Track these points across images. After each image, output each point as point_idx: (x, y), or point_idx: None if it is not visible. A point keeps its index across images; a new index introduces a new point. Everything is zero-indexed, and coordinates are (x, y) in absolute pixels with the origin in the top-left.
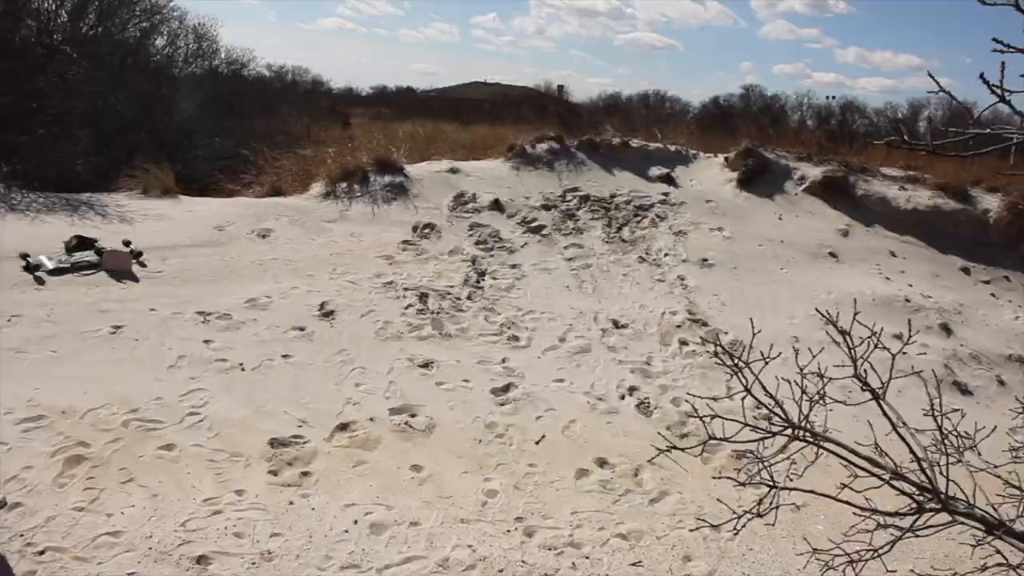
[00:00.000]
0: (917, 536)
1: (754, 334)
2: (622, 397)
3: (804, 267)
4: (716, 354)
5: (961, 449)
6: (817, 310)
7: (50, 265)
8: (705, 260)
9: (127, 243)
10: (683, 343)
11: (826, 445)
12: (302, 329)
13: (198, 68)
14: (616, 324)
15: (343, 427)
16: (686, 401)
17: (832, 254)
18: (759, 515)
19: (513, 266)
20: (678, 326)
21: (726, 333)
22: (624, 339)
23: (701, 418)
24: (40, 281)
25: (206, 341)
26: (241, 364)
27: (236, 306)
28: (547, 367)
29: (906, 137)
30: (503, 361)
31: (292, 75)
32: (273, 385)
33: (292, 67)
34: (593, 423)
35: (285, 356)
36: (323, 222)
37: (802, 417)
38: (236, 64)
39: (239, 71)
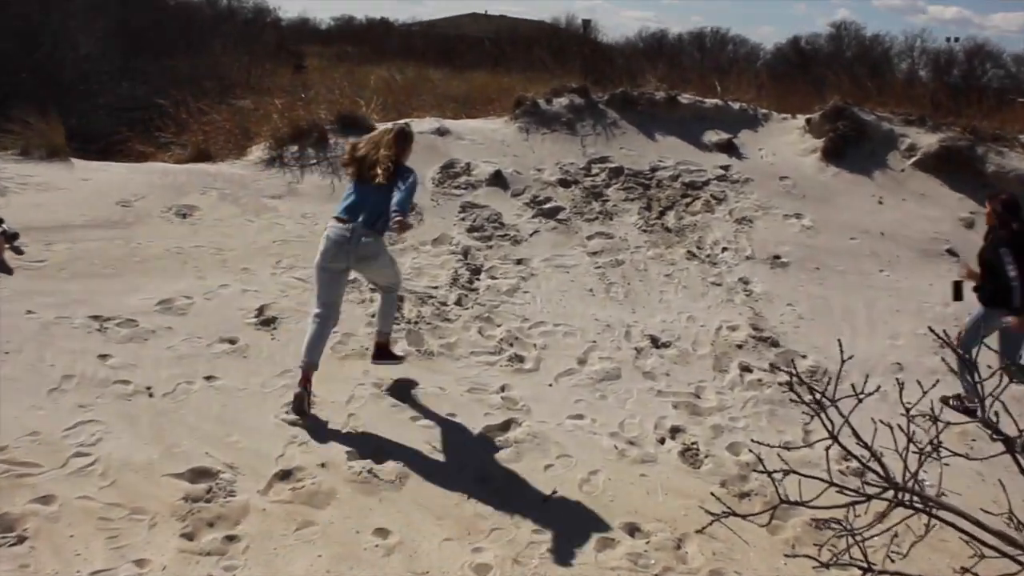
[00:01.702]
0: None
1: (843, 359)
2: (661, 441)
3: (913, 269)
4: (791, 386)
5: None
6: (930, 328)
7: None
8: (777, 257)
9: None
10: (745, 369)
11: (941, 514)
12: (233, 342)
13: None
14: (655, 342)
15: (284, 475)
16: (749, 450)
17: (951, 252)
18: None
19: (518, 261)
20: (739, 346)
21: (804, 357)
22: (665, 362)
23: (769, 473)
24: None
25: (102, 356)
26: (149, 388)
27: (144, 309)
28: (561, 398)
29: None
30: (502, 389)
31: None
32: (191, 417)
33: None
34: (622, 475)
35: (209, 378)
36: (265, 198)
37: (908, 475)
38: None
39: None
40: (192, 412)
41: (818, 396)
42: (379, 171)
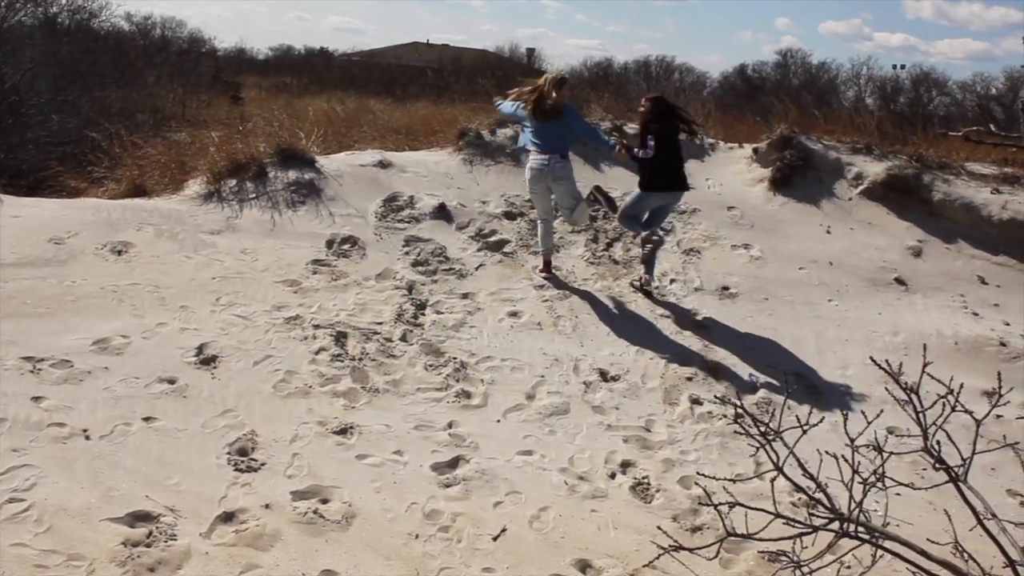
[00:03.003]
0: None
1: (787, 392)
2: (612, 476)
3: (861, 298)
4: (736, 418)
5: None
6: (872, 359)
7: None
8: (726, 288)
9: None
10: (695, 402)
11: (887, 544)
12: (172, 382)
13: (28, 16)
14: (604, 376)
15: (227, 517)
16: (696, 484)
17: (899, 280)
18: None
19: (464, 296)
20: (689, 378)
21: (755, 389)
22: (615, 396)
23: (716, 507)
24: None
25: (36, 399)
26: (85, 431)
27: (79, 349)
28: (510, 434)
29: (994, 128)
30: (450, 426)
31: (161, 29)
32: (130, 460)
33: (161, 18)
34: (572, 511)
35: (148, 419)
36: (203, 234)
37: (854, 505)
38: (83, 12)
39: (87, 22)
40: (131, 454)
41: (764, 428)
42: (550, 106)
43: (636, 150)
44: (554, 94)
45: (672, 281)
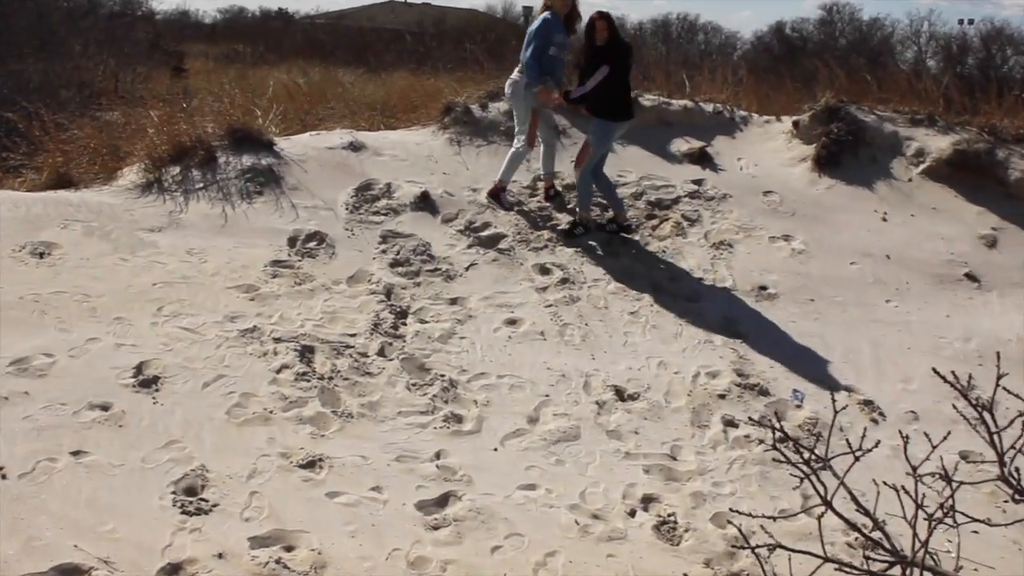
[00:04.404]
0: None
1: (836, 411)
2: (631, 514)
3: (925, 298)
4: (776, 443)
5: None
6: (935, 371)
7: None
8: (763, 288)
9: None
10: (729, 423)
11: None
12: (106, 408)
13: None
14: (620, 394)
15: (172, 570)
16: (732, 522)
17: (971, 276)
18: None
19: (453, 301)
20: (721, 396)
21: (799, 406)
22: (634, 418)
23: (755, 550)
24: None
25: None
26: (1, 469)
27: None
28: (509, 465)
29: None
30: (438, 456)
31: None
32: (55, 503)
33: None
34: (585, 556)
35: (76, 453)
36: (141, 231)
37: (919, 546)
38: None
39: None
40: (56, 496)
41: (809, 456)
42: None
43: (586, 84)
44: None
45: (699, 280)
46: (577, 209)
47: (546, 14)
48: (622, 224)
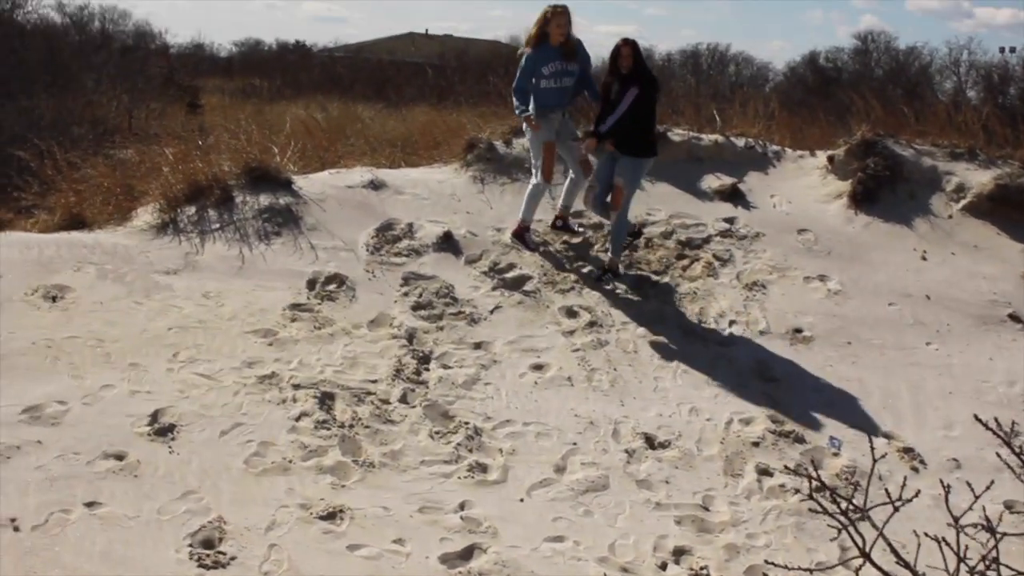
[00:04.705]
0: None
1: (875, 459)
2: (663, 567)
3: (968, 340)
4: (811, 494)
5: None
6: (976, 417)
7: None
8: (798, 331)
9: None
10: (764, 472)
11: None
12: (120, 458)
13: None
14: (651, 442)
15: None
16: (764, 574)
17: (1015, 317)
18: None
19: (477, 345)
20: (755, 443)
21: (836, 454)
22: (664, 467)
23: None
24: None
25: None
26: (13, 520)
27: (6, 419)
28: (536, 516)
29: None
30: (462, 507)
31: (101, 22)
32: (69, 555)
33: (100, 8)
34: None
35: (91, 505)
36: (156, 274)
37: None
38: (4, 2)
39: (9, 14)
40: (70, 549)
41: (847, 506)
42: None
43: (617, 111)
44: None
45: (732, 323)
46: (610, 254)
47: (527, 51)
48: (615, 271)
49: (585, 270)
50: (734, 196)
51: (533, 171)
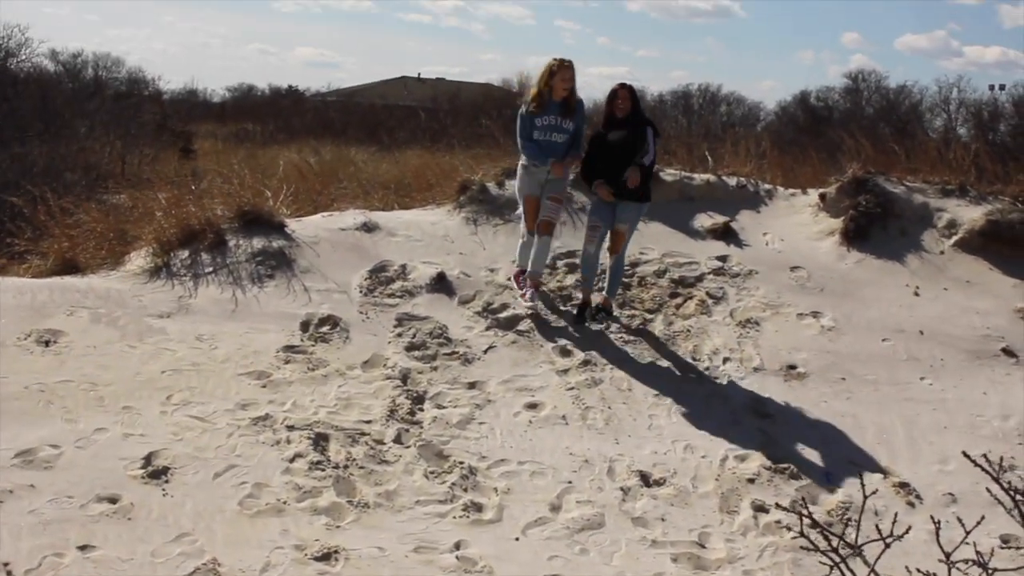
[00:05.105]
0: None
1: (865, 497)
2: None
3: (961, 375)
4: (802, 531)
5: None
6: (964, 454)
7: None
8: (792, 367)
9: None
10: (759, 509)
11: None
12: (114, 501)
13: None
14: (646, 479)
15: None
16: None
17: (1008, 351)
18: None
19: (471, 385)
20: (750, 480)
21: (832, 491)
22: (660, 504)
23: None
24: None
25: None
26: (6, 565)
27: None
28: (531, 555)
29: None
30: (457, 547)
31: (94, 69)
32: None
33: (94, 56)
34: None
35: (84, 548)
36: (150, 317)
37: None
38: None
39: (3, 63)
40: None
41: (837, 544)
42: None
43: (648, 150)
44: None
45: (726, 360)
46: (605, 292)
47: (520, 109)
48: (609, 310)
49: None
50: (726, 234)
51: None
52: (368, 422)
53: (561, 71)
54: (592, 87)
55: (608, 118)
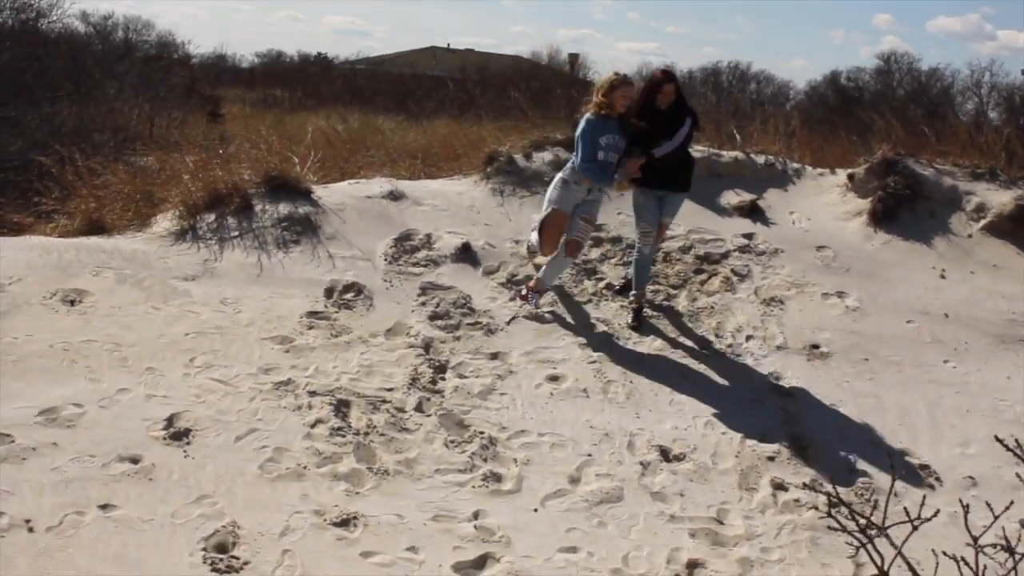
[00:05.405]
0: None
1: (893, 477)
2: None
3: (986, 358)
4: (830, 509)
5: None
6: (996, 438)
7: None
8: (815, 347)
9: None
10: (779, 487)
11: None
12: (135, 461)
13: None
14: (666, 454)
15: None
16: None
17: None
18: None
19: (493, 355)
20: (770, 458)
21: (853, 471)
22: (679, 480)
23: None
24: None
25: None
26: (28, 522)
27: (22, 421)
28: (549, 526)
29: None
30: (476, 516)
31: (125, 32)
32: (83, 557)
33: (124, 18)
34: None
35: (105, 507)
36: (175, 279)
37: None
38: (29, 11)
39: (33, 23)
40: (84, 551)
41: (864, 523)
42: None
43: (675, 137)
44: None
45: (748, 338)
46: (637, 290)
47: (588, 115)
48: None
49: (603, 283)
50: (753, 212)
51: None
52: (390, 390)
53: (623, 87)
54: (621, 61)
55: (645, 106)
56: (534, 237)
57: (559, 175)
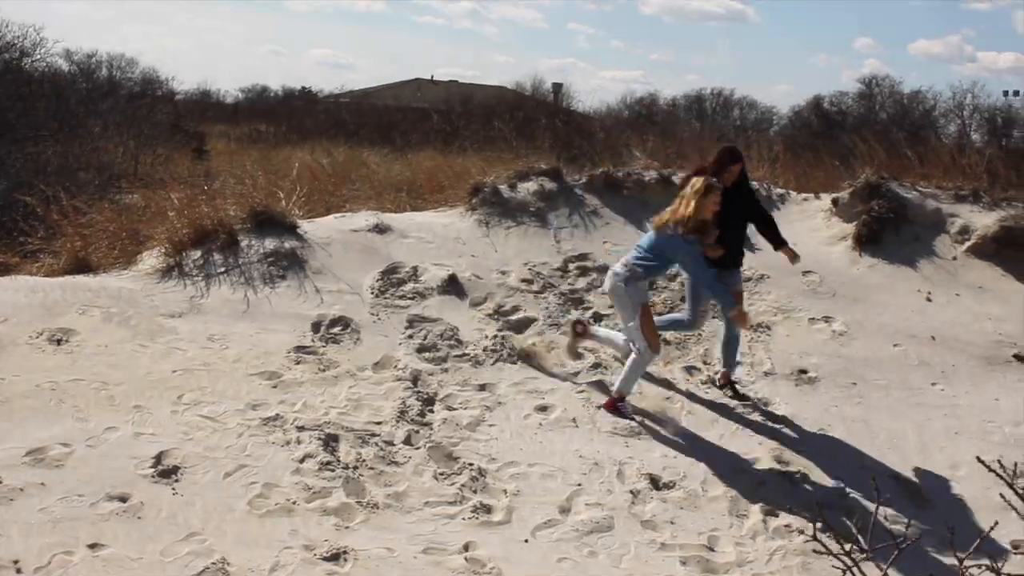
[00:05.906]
0: None
1: (878, 501)
2: None
3: (973, 381)
4: (815, 535)
5: None
6: (979, 459)
7: None
8: (803, 372)
9: None
10: (769, 513)
11: None
12: (124, 499)
13: None
14: (655, 482)
15: None
16: None
17: (1020, 357)
18: None
19: (482, 387)
20: (760, 484)
21: (842, 495)
22: (669, 507)
23: None
24: None
25: None
26: (16, 563)
27: (9, 462)
28: (540, 557)
29: None
30: (466, 548)
31: (108, 69)
32: None
33: (108, 56)
34: None
35: (93, 547)
36: (161, 317)
37: None
38: (12, 51)
39: (17, 62)
40: None
41: (849, 548)
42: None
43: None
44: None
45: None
46: (726, 366)
47: (684, 241)
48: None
49: (589, 313)
50: None
51: (632, 341)
52: (378, 423)
53: (714, 194)
54: (605, 90)
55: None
56: (641, 342)
57: (623, 272)
